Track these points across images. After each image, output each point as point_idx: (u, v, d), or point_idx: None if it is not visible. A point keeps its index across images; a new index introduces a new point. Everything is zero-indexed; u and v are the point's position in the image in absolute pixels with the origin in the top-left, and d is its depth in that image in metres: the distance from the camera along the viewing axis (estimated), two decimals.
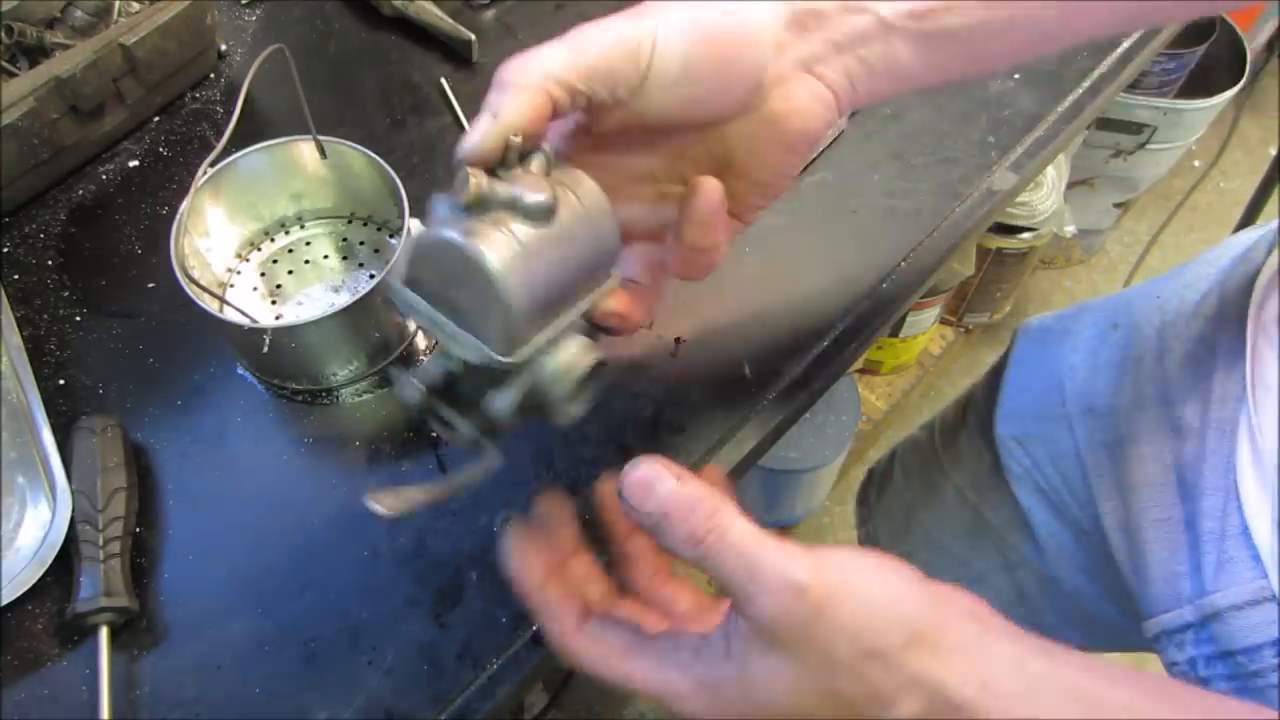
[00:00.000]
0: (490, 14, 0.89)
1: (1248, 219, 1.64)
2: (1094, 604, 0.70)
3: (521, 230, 0.39)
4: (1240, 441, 0.49)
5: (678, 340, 0.69)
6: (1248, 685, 0.46)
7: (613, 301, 0.45)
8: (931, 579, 0.37)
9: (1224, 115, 1.91)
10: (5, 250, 0.73)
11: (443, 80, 0.84)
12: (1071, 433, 0.64)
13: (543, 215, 0.39)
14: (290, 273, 0.72)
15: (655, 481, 0.38)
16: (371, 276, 0.67)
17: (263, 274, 0.72)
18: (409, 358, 0.68)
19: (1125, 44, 0.86)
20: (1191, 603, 0.49)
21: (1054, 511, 0.69)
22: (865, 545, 0.90)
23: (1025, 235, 1.49)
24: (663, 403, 0.66)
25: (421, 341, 0.69)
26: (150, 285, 0.71)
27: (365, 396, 0.67)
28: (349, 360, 0.65)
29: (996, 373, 0.77)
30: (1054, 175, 1.49)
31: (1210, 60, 1.60)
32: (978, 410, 0.77)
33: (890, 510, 0.88)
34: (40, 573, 0.56)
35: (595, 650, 0.40)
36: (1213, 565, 0.48)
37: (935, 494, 0.81)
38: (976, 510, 0.77)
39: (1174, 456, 0.54)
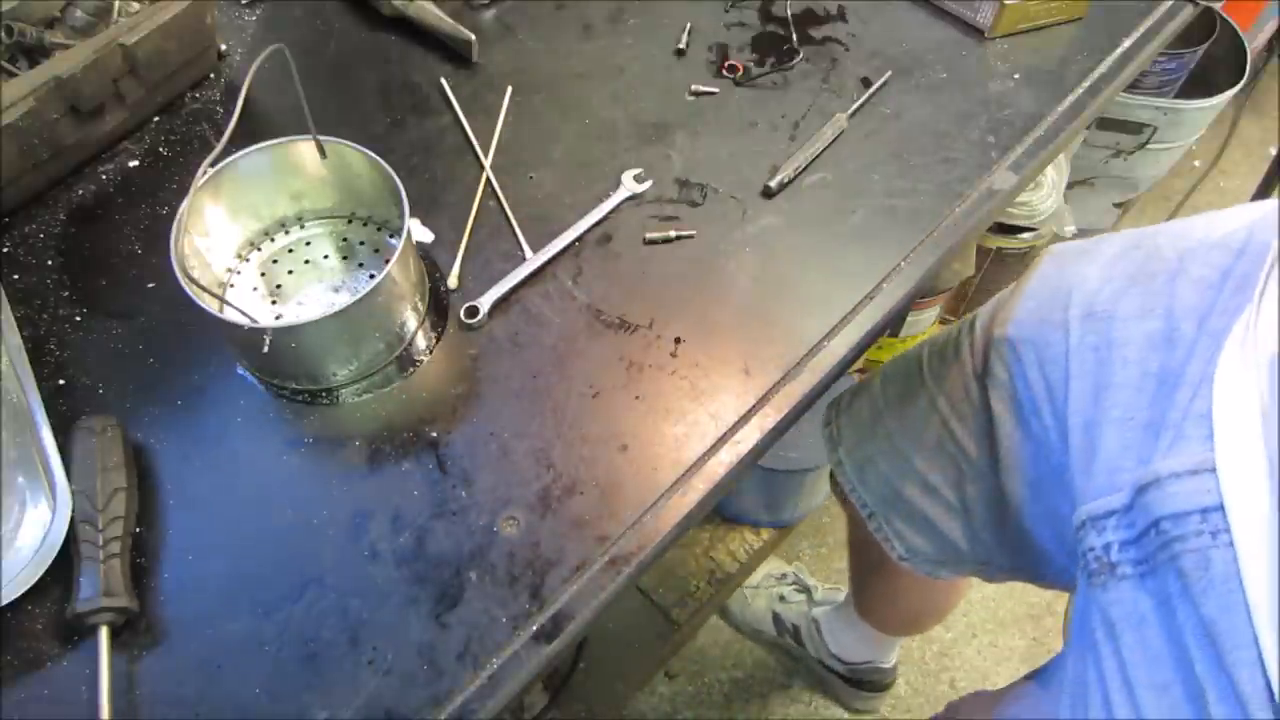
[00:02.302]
0: (490, 14, 0.89)
1: None
2: (1032, 524, 0.72)
3: None
4: (1230, 336, 0.50)
5: (678, 340, 0.69)
6: (1152, 565, 0.48)
7: None
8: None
9: (1224, 115, 1.92)
10: (5, 250, 0.73)
11: (443, 80, 0.84)
12: (1066, 335, 0.65)
13: None
14: (290, 273, 0.72)
15: None
16: (371, 276, 0.67)
17: (263, 274, 0.72)
18: (408, 358, 0.68)
19: (1125, 44, 0.86)
20: (1130, 484, 0.51)
21: (1022, 423, 0.71)
22: (827, 445, 0.92)
23: (1025, 235, 1.49)
24: (663, 405, 0.66)
25: (421, 342, 0.69)
26: (150, 285, 0.71)
27: (365, 396, 0.67)
28: (349, 360, 0.65)
29: (1006, 292, 0.78)
30: (1054, 175, 1.48)
31: (1210, 60, 1.60)
32: (972, 326, 0.79)
33: (860, 414, 0.89)
34: (40, 573, 0.56)
35: None
36: (1168, 444, 0.50)
37: (908, 402, 0.83)
38: (945, 422, 0.79)
39: (1159, 363, 0.56)
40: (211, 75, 0.84)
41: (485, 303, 0.69)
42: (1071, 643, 0.56)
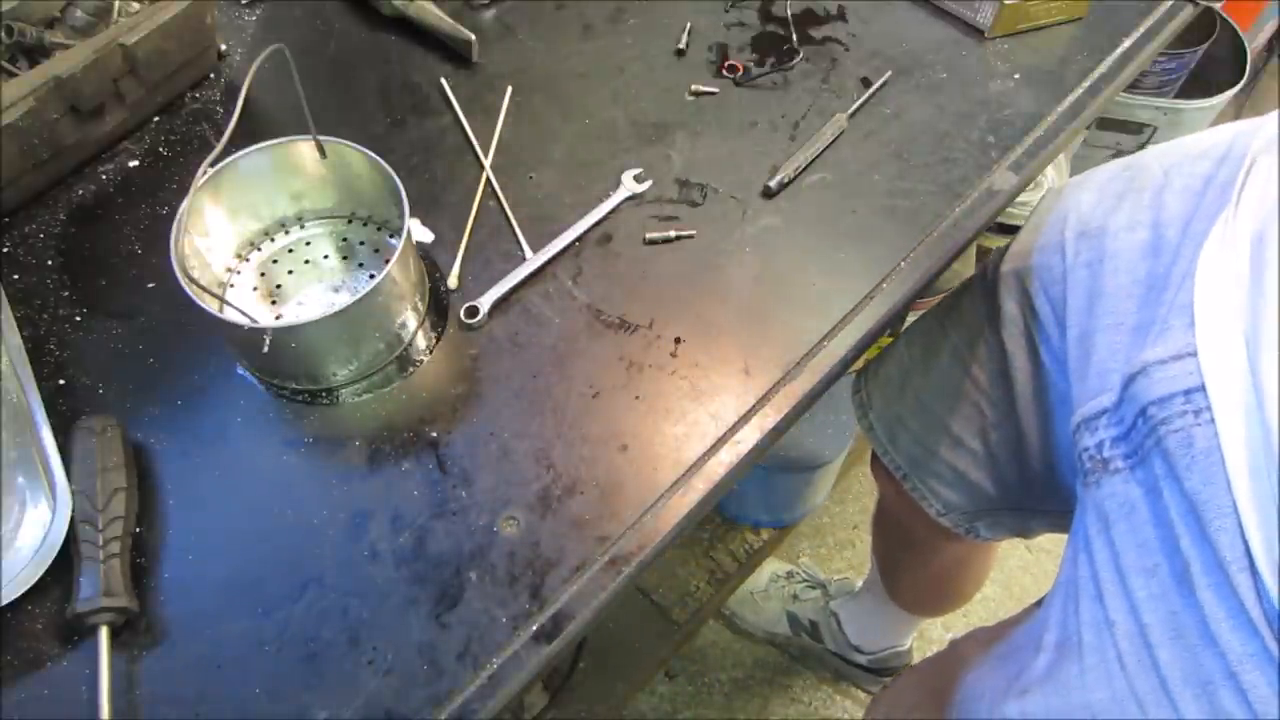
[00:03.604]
0: (490, 14, 0.89)
1: None
2: (1052, 458, 0.75)
3: None
4: (1210, 234, 0.52)
5: (678, 340, 0.69)
6: (1141, 454, 0.50)
7: None
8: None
9: (1224, 115, 1.91)
10: (5, 250, 0.73)
11: (443, 80, 0.84)
12: (1064, 257, 0.67)
13: None
14: (290, 273, 0.72)
15: None
16: (371, 276, 0.67)
17: (263, 274, 0.72)
18: (408, 358, 0.68)
19: (1125, 44, 0.86)
20: (1119, 381, 0.53)
21: (1032, 355, 0.73)
22: (858, 412, 0.94)
23: None
24: (663, 405, 0.66)
25: (422, 342, 0.69)
26: (150, 285, 0.71)
27: (365, 396, 0.67)
28: (349, 360, 0.65)
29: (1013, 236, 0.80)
30: (1054, 175, 1.49)
31: (1210, 60, 1.60)
32: (984, 271, 0.81)
33: (888, 376, 0.91)
34: (40, 573, 0.56)
35: None
36: (1154, 336, 0.52)
37: (932, 357, 0.85)
38: (966, 369, 0.81)
39: (1147, 270, 0.58)
40: (211, 75, 0.84)
41: (485, 303, 0.69)
42: (1065, 552, 0.58)
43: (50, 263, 0.73)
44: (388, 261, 0.61)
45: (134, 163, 0.78)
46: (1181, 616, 0.45)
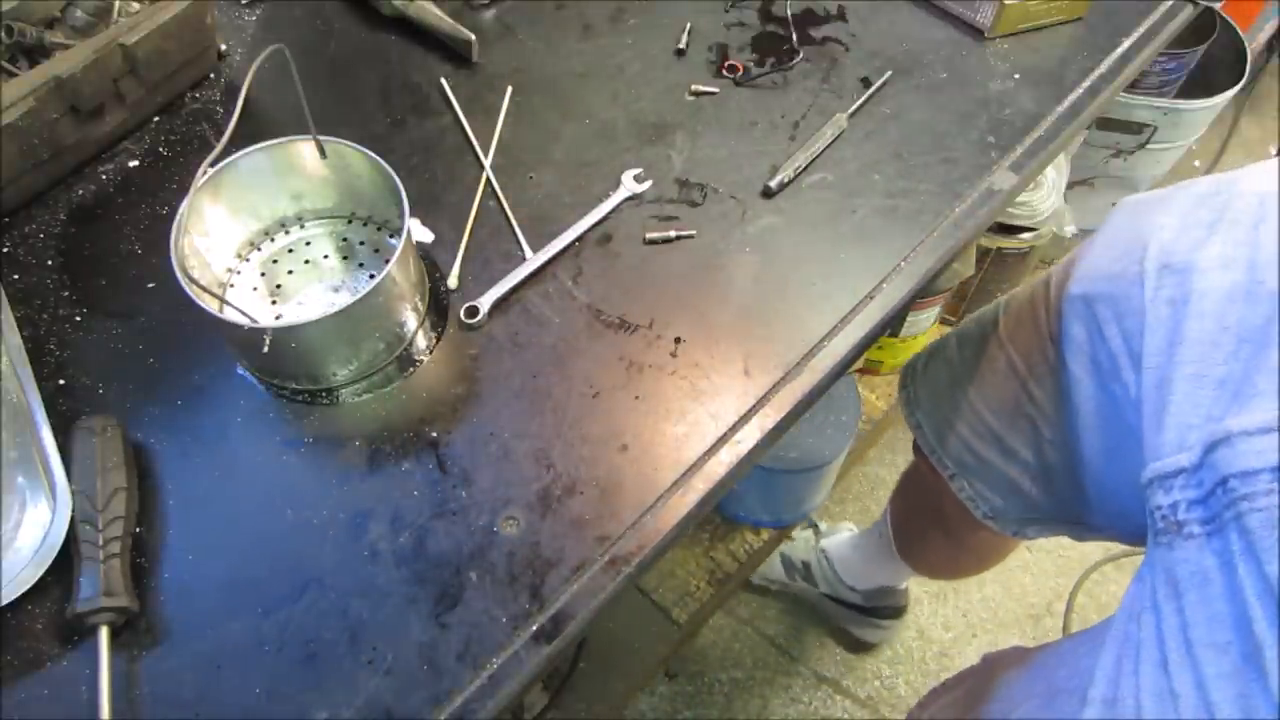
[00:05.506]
0: (490, 14, 0.89)
1: None
2: (1114, 485, 0.71)
3: None
4: None
5: (678, 340, 0.69)
6: (1218, 524, 0.47)
7: None
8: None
9: (1224, 115, 1.91)
10: (5, 250, 0.73)
11: (443, 80, 0.84)
12: (1142, 287, 0.62)
13: None
14: (290, 273, 0.72)
15: None
16: (371, 276, 0.67)
17: (263, 274, 0.72)
18: (408, 358, 0.68)
19: (1125, 44, 0.86)
20: (1200, 442, 0.50)
21: (1100, 383, 0.69)
22: (905, 409, 0.91)
23: (1025, 235, 1.49)
24: (663, 405, 0.66)
25: (422, 342, 0.69)
26: (150, 285, 0.71)
27: (365, 396, 0.67)
28: (349, 360, 0.65)
29: (1079, 249, 0.77)
30: (1054, 175, 1.49)
31: (1210, 60, 1.60)
32: (1048, 284, 0.77)
33: (937, 377, 0.88)
34: (40, 573, 0.56)
35: None
36: (1241, 400, 0.49)
37: (986, 365, 0.82)
38: (1023, 384, 0.78)
39: (1238, 318, 0.54)
40: (211, 75, 0.84)
41: (485, 303, 0.69)
42: (1123, 604, 0.55)
43: (50, 263, 0.73)
44: (388, 261, 0.61)
45: (134, 163, 0.78)
46: (1253, 701, 0.43)
